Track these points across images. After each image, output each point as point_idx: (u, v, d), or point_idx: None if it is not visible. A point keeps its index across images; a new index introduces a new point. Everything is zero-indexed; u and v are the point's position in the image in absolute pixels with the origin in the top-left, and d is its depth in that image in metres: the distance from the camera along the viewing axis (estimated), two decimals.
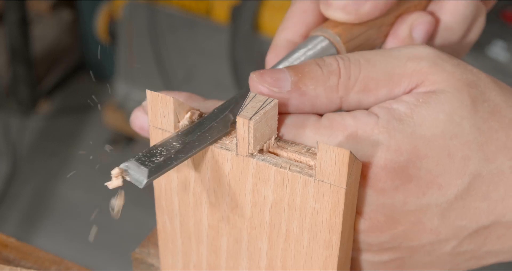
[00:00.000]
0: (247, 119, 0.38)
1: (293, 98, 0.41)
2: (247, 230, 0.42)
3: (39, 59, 2.35)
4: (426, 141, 0.40)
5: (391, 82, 0.41)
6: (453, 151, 0.40)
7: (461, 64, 0.42)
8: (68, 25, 2.49)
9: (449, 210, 0.41)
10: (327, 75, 0.42)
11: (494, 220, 0.42)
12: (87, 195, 2.04)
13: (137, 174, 0.37)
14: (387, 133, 0.40)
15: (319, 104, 0.42)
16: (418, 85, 0.41)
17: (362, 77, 0.41)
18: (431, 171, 0.40)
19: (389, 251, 0.43)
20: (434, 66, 0.41)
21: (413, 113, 0.40)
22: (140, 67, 2.01)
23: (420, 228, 0.42)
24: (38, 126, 2.26)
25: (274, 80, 0.41)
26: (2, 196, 2.00)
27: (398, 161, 0.40)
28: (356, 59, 0.42)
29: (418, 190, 0.40)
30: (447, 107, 0.40)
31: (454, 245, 0.43)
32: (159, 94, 0.40)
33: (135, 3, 1.94)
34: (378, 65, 0.42)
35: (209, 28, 1.87)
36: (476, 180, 0.41)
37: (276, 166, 0.39)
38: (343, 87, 0.42)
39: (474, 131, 0.40)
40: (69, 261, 0.52)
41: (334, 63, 0.42)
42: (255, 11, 1.76)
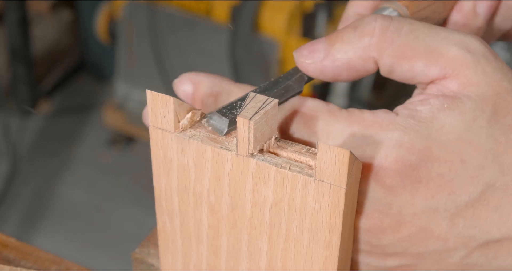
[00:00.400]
0: (247, 119, 0.38)
1: (327, 65, 0.42)
2: (247, 230, 0.42)
3: (39, 59, 2.35)
4: (441, 145, 0.40)
5: (430, 58, 0.41)
6: (467, 158, 0.40)
7: (504, 68, 0.41)
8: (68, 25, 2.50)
9: (458, 216, 0.40)
10: (359, 36, 0.41)
11: (506, 233, 0.41)
12: (87, 195, 2.04)
13: (219, 124, 0.41)
14: (402, 130, 0.40)
15: (354, 67, 0.42)
16: (453, 75, 0.41)
17: (399, 42, 0.41)
18: (443, 175, 0.40)
19: (394, 256, 0.42)
20: (476, 63, 0.41)
21: (433, 118, 0.40)
22: (140, 67, 2.01)
23: (427, 234, 0.41)
24: (38, 126, 2.27)
25: (309, 52, 0.42)
26: (2, 196, 2.00)
27: (410, 160, 0.39)
28: (400, 23, 0.41)
29: (427, 192, 0.40)
30: (468, 116, 0.40)
31: (463, 256, 0.42)
32: (159, 94, 0.40)
33: (135, 3, 1.94)
34: (422, 38, 0.41)
35: (209, 28, 1.87)
36: (489, 190, 0.40)
37: (276, 166, 0.39)
38: (376, 47, 0.41)
39: (491, 141, 0.40)
40: (69, 261, 0.52)
41: (371, 23, 0.41)
42: (255, 11, 1.76)
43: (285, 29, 1.76)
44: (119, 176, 2.10)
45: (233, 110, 0.41)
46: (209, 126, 0.41)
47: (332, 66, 0.42)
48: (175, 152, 0.41)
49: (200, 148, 0.40)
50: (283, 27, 1.76)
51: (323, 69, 0.42)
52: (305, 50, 0.43)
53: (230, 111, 0.41)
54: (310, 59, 0.42)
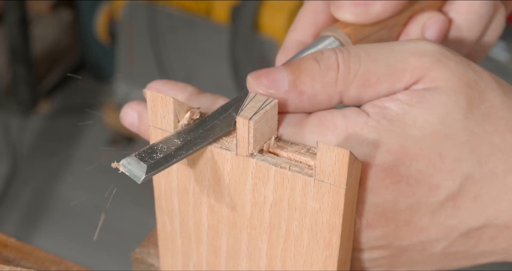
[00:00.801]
0: (247, 119, 0.38)
1: (291, 97, 0.41)
2: (247, 230, 0.42)
3: (39, 59, 2.35)
4: (416, 141, 0.40)
5: (393, 77, 0.41)
6: (444, 152, 0.40)
7: (464, 61, 0.42)
8: (68, 25, 2.49)
9: (439, 210, 0.41)
10: (324, 70, 0.41)
11: (485, 222, 0.41)
12: (87, 195, 2.04)
13: (136, 170, 0.37)
14: (376, 132, 0.40)
15: (319, 101, 0.41)
16: (419, 80, 0.41)
17: (362, 71, 0.41)
18: (422, 171, 0.40)
19: (379, 249, 0.43)
20: (436, 63, 0.41)
21: (404, 113, 0.40)
22: (140, 67, 2.01)
23: (412, 227, 0.41)
24: (38, 126, 2.26)
25: (270, 81, 0.41)
26: (2, 196, 2.00)
27: (388, 161, 0.40)
28: (356, 52, 0.41)
29: (409, 189, 0.40)
30: (441, 109, 0.40)
31: (445, 245, 0.43)
32: (159, 94, 0.40)
33: (135, 3, 1.94)
34: (380, 59, 0.41)
35: (209, 28, 1.87)
36: (467, 182, 0.40)
37: (276, 166, 0.39)
38: (342, 81, 0.41)
39: (467, 133, 0.40)
40: (69, 261, 0.52)
41: (332, 57, 0.41)
42: (255, 11, 1.76)
43: (285, 29, 1.76)
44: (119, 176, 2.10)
45: (153, 154, 0.38)
46: (126, 172, 0.37)
47: (296, 99, 0.41)
48: None
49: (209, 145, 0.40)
50: (283, 27, 1.76)
51: (288, 100, 0.41)
52: (265, 78, 0.41)
53: (149, 156, 0.38)
54: (273, 88, 0.41)
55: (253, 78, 0.41)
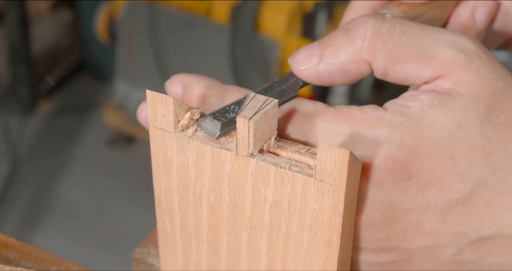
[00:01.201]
0: (247, 119, 0.38)
1: (321, 70, 0.42)
2: (247, 230, 0.42)
3: (39, 59, 2.35)
4: (430, 142, 0.40)
5: (423, 60, 0.41)
6: (457, 155, 0.40)
7: (498, 68, 0.41)
8: (68, 25, 2.50)
9: (449, 213, 0.40)
10: (351, 39, 0.41)
11: (497, 231, 0.41)
12: (87, 195, 2.04)
13: (211, 127, 0.41)
14: (391, 127, 0.40)
15: (348, 70, 0.42)
16: (446, 75, 0.41)
17: (392, 44, 0.41)
18: (433, 172, 0.40)
19: (386, 252, 0.42)
20: (469, 63, 0.40)
21: (423, 114, 0.40)
22: (140, 67, 2.01)
23: (419, 229, 0.41)
24: (38, 126, 2.27)
25: (303, 57, 0.42)
26: (2, 196, 2.00)
27: (399, 156, 0.39)
28: (392, 25, 0.41)
29: (418, 188, 0.40)
30: (460, 114, 0.40)
31: (454, 253, 0.42)
32: (159, 94, 0.40)
33: (135, 3, 1.94)
34: (414, 39, 0.41)
35: (209, 28, 1.87)
36: (480, 188, 0.40)
37: (276, 166, 0.39)
38: (368, 50, 0.41)
39: (483, 139, 0.40)
40: (69, 261, 0.52)
41: (363, 25, 0.41)
42: (255, 11, 1.76)
43: (285, 29, 1.76)
44: (119, 176, 2.10)
45: (226, 114, 0.41)
46: (202, 130, 0.41)
47: (326, 71, 0.42)
48: (175, 152, 0.41)
49: (200, 148, 0.40)
50: (283, 27, 1.76)
51: (318, 74, 0.42)
52: (299, 55, 0.42)
53: (223, 115, 0.41)
54: (305, 64, 0.42)
55: (290, 58, 0.43)
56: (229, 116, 0.41)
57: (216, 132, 0.40)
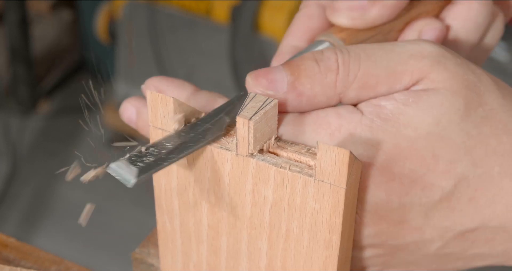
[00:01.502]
0: (247, 119, 0.38)
1: (290, 98, 0.41)
2: (247, 230, 0.42)
3: (39, 59, 2.35)
4: (410, 141, 0.40)
5: (392, 79, 0.41)
6: (438, 152, 0.40)
7: (465, 63, 0.42)
8: (68, 25, 2.49)
9: (433, 210, 0.41)
10: (324, 72, 0.41)
11: (480, 224, 0.41)
12: (87, 195, 2.04)
13: (126, 174, 0.37)
14: (370, 131, 0.40)
15: (318, 102, 0.41)
16: (418, 82, 0.41)
17: (361, 73, 0.40)
18: (415, 170, 0.40)
19: (373, 248, 0.43)
20: (436, 65, 0.41)
21: (399, 113, 0.40)
22: (140, 67, 2.01)
23: (405, 227, 0.41)
24: (38, 126, 2.26)
25: (269, 82, 0.41)
26: (2, 196, 2.00)
27: (381, 160, 0.40)
28: (356, 53, 0.41)
29: (401, 189, 0.40)
30: (436, 110, 0.40)
31: (439, 246, 0.42)
32: (159, 94, 0.40)
33: (135, 3, 1.94)
34: (379, 60, 0.41)
35: (209, 28, 1.87)
36: (462, 183, 0.40)
37: (276, 166, 0.39)
38: (341, 83, 0.41)
39: (463, 135, 0.40)
40: (69, 261, 0.52)
41: (332, 58, 0.41)
42: (255, 11, 1.76)
43: (285, 29, 1.76)
44: None
45: (143, 158, 0.38)
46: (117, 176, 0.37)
47: (295, 100, 0.41)
48: None
49: (200, 148, 0.40)
50: (283, 27, 1.76)
51: (287, 101, 0.41)
52: (263, 79, 0.41)
53: (139, 159, 0.38)
54: (272, 90, 0.40)
55: (252, 78, 0.41)
56: (147, 160, 0.37)
57: (131, 179, 0.37)
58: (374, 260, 0.44)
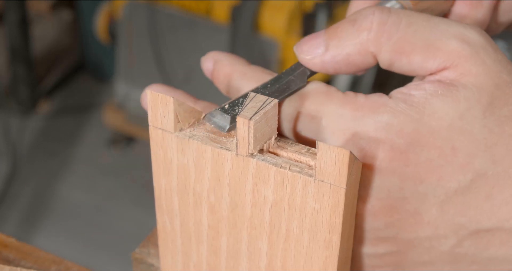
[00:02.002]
0: (247, 119, 0.38)
1: (327, 61, 0.42)
2: (247, 230, 0.42)
3: (39, 59, 2.36)
4: (431, 130, 0.40)
5: (428, 52, 0.41)
6: (457, 145, 0.40)
7: (503, 61, 0.41)
8: (68, 25, 2.50)
9: (448, 203, 0.40)
10: (357, 31, 0.41)
11: (496, 223, 0.41)
12: (87, 195, 2.04)
13: (220, 121, 0.41)
14: (392, 113, 0.40)
15: (354, 61, 0.42)
16: (452, 66, 0.41)
17: (398, 37, 0.41)
18: (432, 160, 0.40)
19: (385, 242, 0.42)
20: (475, 55, 0.40)
21: (426, 102, 0.40)
22: (140, 67, 2.01)
23: (417, 219, 0.41)
24: (38, 126, 2.27)
25: (309, 47, 0.42)
26: (2, 196, 2.00)
27: (398, 143, 0.39)
28: (398, 17, 0.41)
29: (416, 176, 0.40)
30: (462, 105, 0.40)
31: (453, 244, 0.42)
32: (159, 94, 0.40)
33: (135, 3, 1.94)
34: (420, 31, 0.41)
35: (209, 28, 1.87)
36: (480, 179, 0.40)
37: (276, 166, 0.39)
38: (374, 43, 0.41)
39: (485, 131, 0.40)
40: (69, 261, 0.52)
41: (369, 17, 0.41)
42: (255, 11, 1.76)
43: (285, 29, 1.76)
44: (119, 176, 2.10)
45: (235, 107, 0.41)
46: (212, 124, 0.41)
47: (331, 62, 0.42)
48: (175, 152, 0.41)
49: (200, 148, 0.40)
50: (283, 27, 1.76)
51: (323, 64, 0.42)
52: (305, 45, 0.43)
53: (232, 108, 0.41)
54: (310, 54, 0.42)
55: (296, 46, 0.43)
56: (238, 109, 0.41)
57: (226, 126, 0.41)
58: (386, 258, 0.43)
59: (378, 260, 0.43)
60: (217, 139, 0.41)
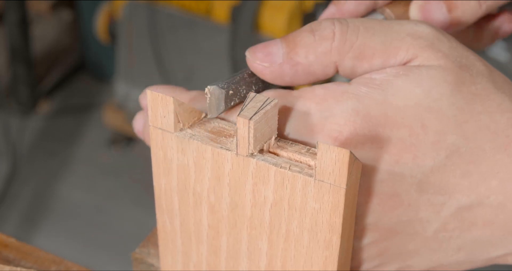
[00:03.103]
0: (247, 119, 0.38)
1: (286, 69, 0.42)
2: (247, 230, 0.42)
3: (39, 59, 2.35)
4: (398, 110, 0.40)
5: (387, 53, 0.41)
6: (427, 123, 0.40)
7: (459, 48, 0.42)
8: (68, 25, 2.50)
9: (426, 183, 0.40)
10: (319, 41, 0.41)
11: (477, 199, 0.41)
12: (87, 195, 2.04)
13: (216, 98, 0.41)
14: (356, 99, 0.40)
15: (314, 71, 0.42)
16: (412, 59, 0.41)
17: (358, 43, 0.41)
18: (403, 140, 0.40)
19: (368, 231, 0.42)
20: (431, 46, 0.41)
21: (388, 83, 0.40)
22: (140, 67, 2.01)
23: (397, 202, 0.41)
24: (38, 126, 2.27)
25: (265, 55, 0.42)
26: (2, 196, 2.00)
27: (367, 126, 0.40)
28: (356, 25, 0.42)
29: (390, 157, 0.40)
30: (427, 82, 0.40)
31: (437, 228, 0.42)
32: (159, 94, 0.40)
33: (135, 3, 1.94)
34: (377, 34, 0.42)
35: (209, 28, 1.87)
36: (454, 155, 0.40)
37: (276, 166, 0.39)
38: (337, 52, 0.41)
39: (454, 109, 0.40)
40: (69, 261, 0.52)
41: (329, 27, 0.42)
42: (255, 11, 1.76)
43: (285, 29, 1.76)
44: (119, 176, 2.10)
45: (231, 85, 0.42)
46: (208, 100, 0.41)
47: (291, 71, 0.42)
48: (175, 152, 0.41)
49: (200, 148, 0.40)
50: (283, 27, 1.76)
51: (281, 73, 0.42)
52: (260, 52, 0.42)
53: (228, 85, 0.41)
54: (267, 62, 0.42)
55: (250, 53, 0.42)
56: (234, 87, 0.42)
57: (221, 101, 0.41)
58: (370, 250, 0.43)
59: (366, 251, 0.43)
60: (217, 139, 0.41)
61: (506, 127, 0.41)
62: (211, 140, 0.40)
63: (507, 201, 0.41)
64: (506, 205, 0.41)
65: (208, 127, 0.41)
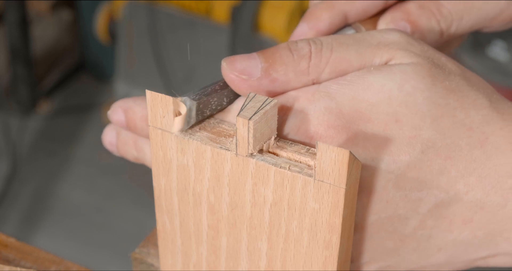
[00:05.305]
0: (246, 119, 0.38)
1: (264, 84, 0.42)
2: (247, 230, 0.42)
3: (39, 59, 2.35)
4: (370, 106, 0.40)
5: (363, 62, 0.42)
6: (401, 118, 0.40)
7: (430, 50, 0.43)
8: (68, 25, 2.49)
9: (403, 178, 0.40)
10: (297, 59, 0.42)
11: (455, 196, 0.41)
12: (87, 195, 2.04)
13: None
14: (328, 96, 0.40)
15: (291, 88, 0.42)
16: (388, 62, 0.42)
17: (333, 58, 0.42)
18: (378, 135, 0.40)
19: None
20: (402, 49, 0.42)
21: (359, 79, 0.41)
22: (140, 67, 2.01)
23: (375, 198, 0.41)
24: (38, 126, 2.27)
25: (243, 67, 0.42)
26: (2, 196, 2.00)
27: (341, 124, 0.40)
28: (328, 43, 0.42)
29: (366, 153, 0.40)
30: (399, 76, 0.40)
31: (415, 225, 0.42)
32: (159, 94, 0.40)
33: (135, 3, 1.94)
34: (351, 47, 0.42)
35: (209, 28, 1.87)
36: (430, 151, 0.40)
37: (276, 166, 0.39)
38: (314, 69, 0.42)
39: (429, 103, 0.40)
40: (69, 261, 0.52)
41: (306, 47, 0.42)
42: (255, 11, 1.76)
43: (285, 29, 1.76)
44: (119, 176, 2.10)
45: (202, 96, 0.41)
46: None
47: (268, 86, 0.42)
48: (174, 152, 0.41)
49: (200, 148, 0.40)
50: (283, 27, 1.76)
51: (259, 87, 0.42)
52: (239, 64, 0.42)
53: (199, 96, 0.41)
54: (246, 75, 0.42)
55: (227, 63, 0.42)
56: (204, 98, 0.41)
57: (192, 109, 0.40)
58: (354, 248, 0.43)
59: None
60: (216, 139, 0.41)
61: (482, 123, 0.41)
62: (211, 140, 0.40)
63: (485, 197, 0.41)
64: (484, 202, 0.41)
65: (208, 127, 0.41)
